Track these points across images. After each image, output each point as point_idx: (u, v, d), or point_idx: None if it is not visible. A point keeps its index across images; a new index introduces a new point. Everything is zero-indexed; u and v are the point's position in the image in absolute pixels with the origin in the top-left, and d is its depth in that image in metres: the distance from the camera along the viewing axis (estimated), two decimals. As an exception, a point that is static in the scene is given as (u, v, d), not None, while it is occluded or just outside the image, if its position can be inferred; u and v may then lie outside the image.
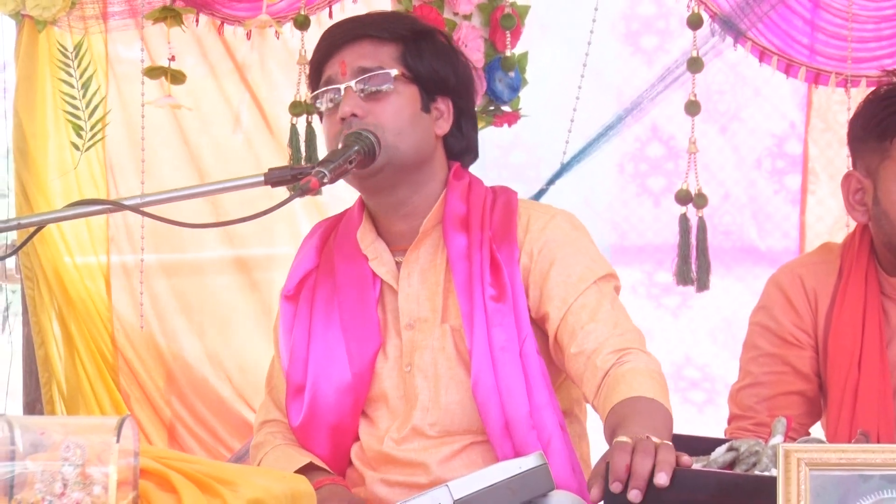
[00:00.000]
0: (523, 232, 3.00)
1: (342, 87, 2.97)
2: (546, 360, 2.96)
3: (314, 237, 3.16)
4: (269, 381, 3.19)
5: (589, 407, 3.04)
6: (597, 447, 3.09)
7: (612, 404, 2.71)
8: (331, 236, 3.14)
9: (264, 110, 4.78)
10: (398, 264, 3.03)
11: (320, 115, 3.07)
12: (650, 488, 2.25)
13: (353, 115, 2.93)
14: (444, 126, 3.06)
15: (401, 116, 2.97)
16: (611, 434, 2.60)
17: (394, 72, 2.97)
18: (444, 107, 3.06)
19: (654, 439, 2.34)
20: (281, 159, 4.51)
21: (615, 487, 2.26)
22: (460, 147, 3.11)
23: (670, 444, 2.33)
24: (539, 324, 2.97)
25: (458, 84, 3.09)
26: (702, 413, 4.82)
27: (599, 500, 2.30)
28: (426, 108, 3.02)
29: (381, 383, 3.00)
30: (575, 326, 2.90)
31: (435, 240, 3.01)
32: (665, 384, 2.79)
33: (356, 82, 2.96)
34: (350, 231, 3.08)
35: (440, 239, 3.00)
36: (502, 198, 3.05)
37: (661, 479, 2.23)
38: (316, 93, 3.02)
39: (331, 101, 2.99)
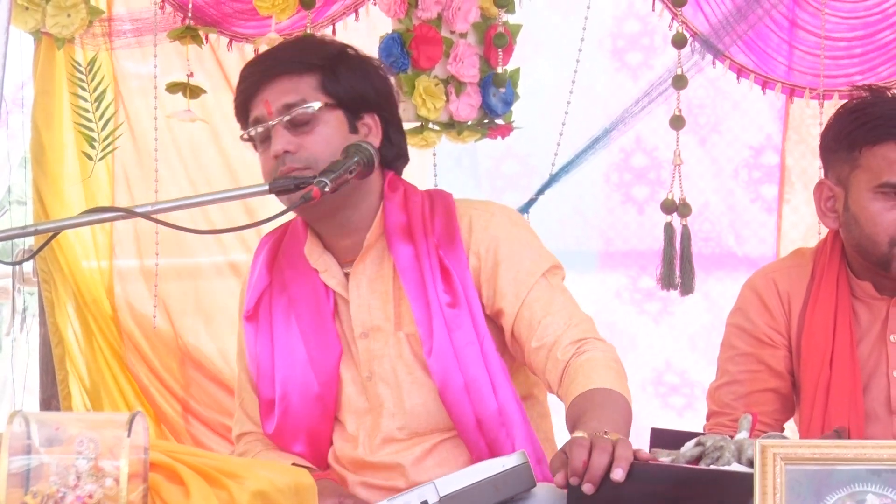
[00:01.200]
0: (467, 233, 2.94)
1: (270, 125, 2.90)
2: (503, 355, 2.94)
3: (262, 254, 3.09)
4: (238, 395, 3.15)
5: None
6: (560, 425, 3.10)
7: (572, 396, 2.71)
8: (278, 251, 3.07)
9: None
10: (347, 276, 2.97)
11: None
12: (609, 481, 2.27)
13: (286, 151, 2.87)
14: (374, 141, 2.96)
15: (331, 144, 2.89)
16: (572, 426, 2.60)
17: (317, 104, 2.89)
18: (371, 121, 2.97)
19: (611, 435, 2.35)
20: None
21: (573, 481, 2.28)
22: (392, 156, 3.01)
23: (627, 440, 2.35)
24: (494, 319, 2.94)
25: (378, 97, 2.99)
26: (681, 417, 4.82)
27: (563, 486, 2.32)
28: (354, 129, 2.94)
29: (346, 389, 2.97)
30: (531, 321, 2.87)
31: (379, 250, 2.95)
32: (622, 370, 2.78)
33: (282, 119, 2.89)
34: (297, 247, 3.02)
35: (384, 249, 2.94)
36: (440, 202, 2.98)
37: (618, 474, 2.26)
38: (248, 132, 2.95)
39: (262, 138, 2.93)
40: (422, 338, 2.89)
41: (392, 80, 3.12)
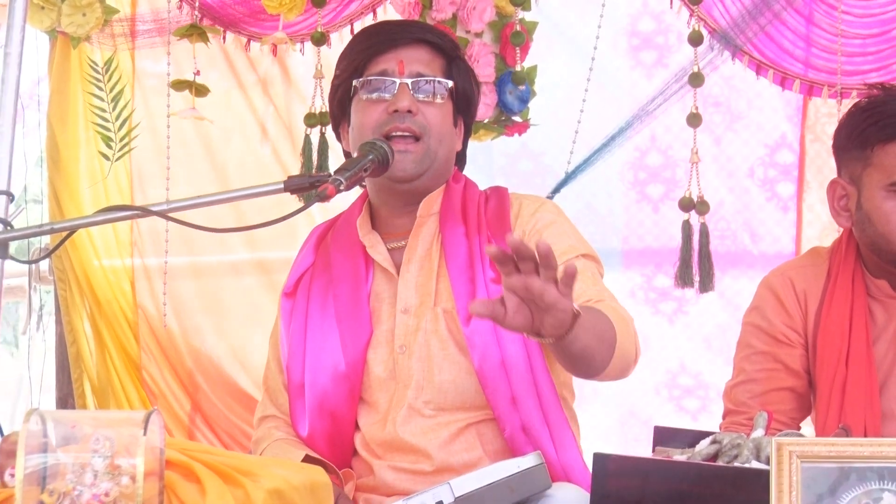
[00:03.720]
0: (515, 216, 3.02)
1: (398, 82, 2.98)
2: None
3: (312, 238, 3.18)
4: (265, 382, 3.20)
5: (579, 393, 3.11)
6: (586, 429, 3.11)
7: None
8: (328, 234, 3.16)
9: (283, 122, 4.78)
10: (391, 252, 3.04)
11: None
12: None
13: (409, 111, 2.95)
14: (458, 143, 3.11)
15: (444, 125, 3.01)
16: None
17: (449, 83, 3.01)
18: (459, 127, 3.11)
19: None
20: (295, 169, 4.51)
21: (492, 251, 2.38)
22: (460, 162, 3.17)
23: (578, 318, 2.48)
24: None
25: (473, 108, 3.14)
26: (696, 420, 4.81)
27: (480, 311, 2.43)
28: (455, 124, 3.07)
29: (374, 368, 3.00)
30: None
31: (431, 229, 3.02)
32: (629, 328, 2.80)
33: (413, 82, 2.98)
34: (350, 222, 3.10)
35: (436, 229, 3.02)
36: (495, 192, 3.09)
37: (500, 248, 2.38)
38: (368, 79, 3.01)
39: (380, 90, 3.00)
40: (459, 310, 2.93)
41: None
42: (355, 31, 4.41)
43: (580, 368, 2.70)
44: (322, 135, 4.30)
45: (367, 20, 4.45)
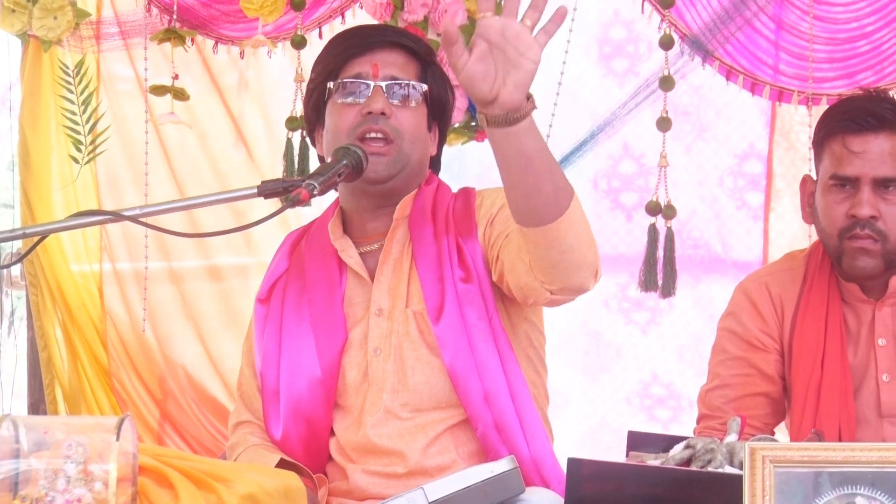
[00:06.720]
0: (478, 209, 3.03)
1: (373, 85, 3.00)
2: (511, 336, 2.98)
3: (286, 244, 3.20)
4: (239, 388, 3.22)
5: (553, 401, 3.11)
6: (558, 437, 3.11)
7: None
8: (302, 240, 3.17)
9: (257, 126, 4.77)
10: (363, 256, 3.06)
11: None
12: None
13: (383, 113, 2.96)
14: (433, 148, 3.13)
15: (417, 129, 3.02)
16: None
17: (423, 87, 3.03)
18: (433, 132, 3.13)
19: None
20: (268, 174, 4.50)
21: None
22: (434, 166, 3.18)
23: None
24: (486, 255, 2.96)
25: (448, 113, 3.16)
26: (667, 430, 4.81)
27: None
28: (429, 128, 3.09)
29: (348, 372, 3.02)
30: (506, 227, 2.88)
31: (403, 232, 3.04)
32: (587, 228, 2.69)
33: (387, 86, 3.00)
34: (322, 227, 3.11)
35: (407, 232, 3.03)
36: (462, 193, 3.10)
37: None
38: (343, 81, 3.03)
39: (354, 93, 3.01)
40: (429, 309, 2.95)
41: None
42: (324, 35, 4.43)
43: (529, 185, 2.58)
44: (303, 138, 4.30)
45: (336, 24, 4.44)
